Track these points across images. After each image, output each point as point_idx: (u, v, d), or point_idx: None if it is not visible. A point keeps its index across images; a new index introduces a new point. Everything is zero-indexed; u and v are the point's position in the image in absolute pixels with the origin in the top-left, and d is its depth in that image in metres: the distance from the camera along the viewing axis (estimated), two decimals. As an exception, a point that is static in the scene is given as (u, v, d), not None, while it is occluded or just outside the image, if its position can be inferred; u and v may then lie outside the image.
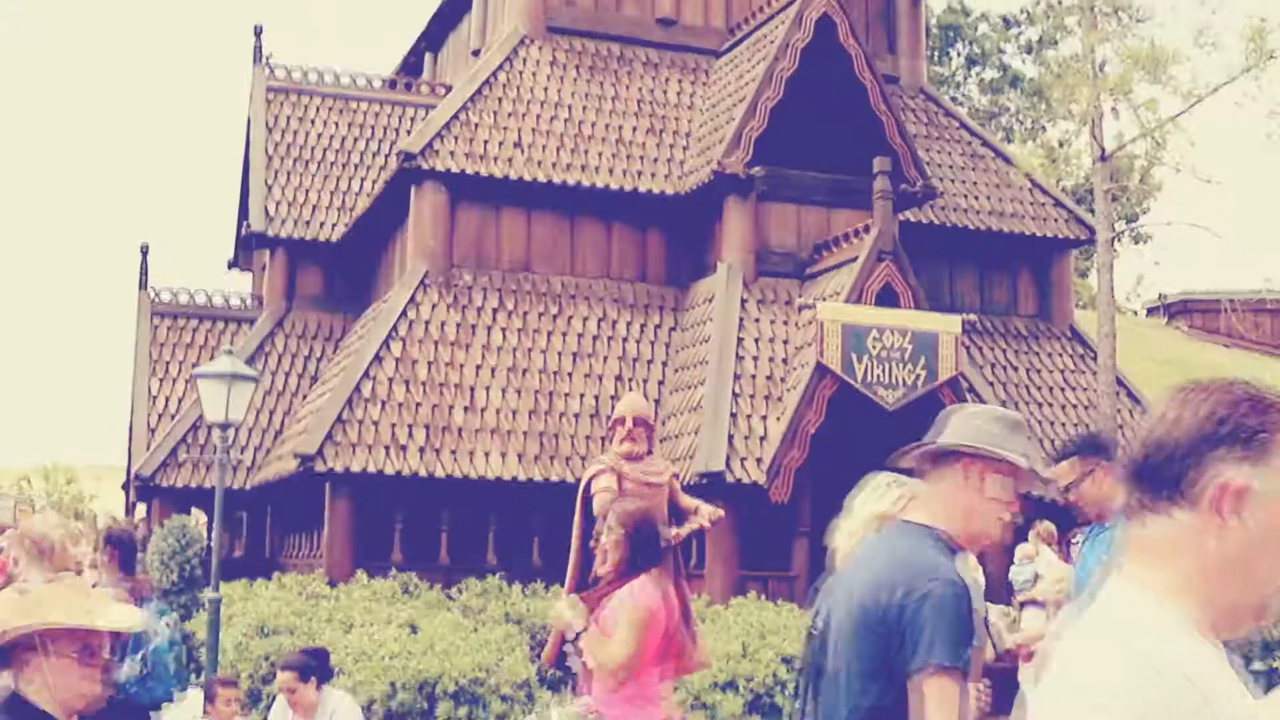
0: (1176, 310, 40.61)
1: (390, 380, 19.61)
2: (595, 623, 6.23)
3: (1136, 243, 48.45)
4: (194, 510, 23.71)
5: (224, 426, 15.10)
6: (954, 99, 46.82)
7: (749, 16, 23.40)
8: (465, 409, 19.61)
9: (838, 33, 20.98)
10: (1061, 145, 44.31)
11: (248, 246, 27.29)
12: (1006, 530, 3.81)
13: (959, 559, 3.74)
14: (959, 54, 48.57)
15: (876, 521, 4.48)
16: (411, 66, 30.60)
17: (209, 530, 19.88)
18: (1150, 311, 42.97)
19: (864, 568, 3.80)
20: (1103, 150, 21.54)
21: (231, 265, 30.67)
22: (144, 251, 27.03)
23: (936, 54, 47.53)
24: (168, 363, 25.52)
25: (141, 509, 25.32)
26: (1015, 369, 23.35)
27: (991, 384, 22.60)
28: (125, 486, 27.40)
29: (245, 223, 25.88)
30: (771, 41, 21.39)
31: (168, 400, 24.94)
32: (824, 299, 19.07)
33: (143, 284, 26.55)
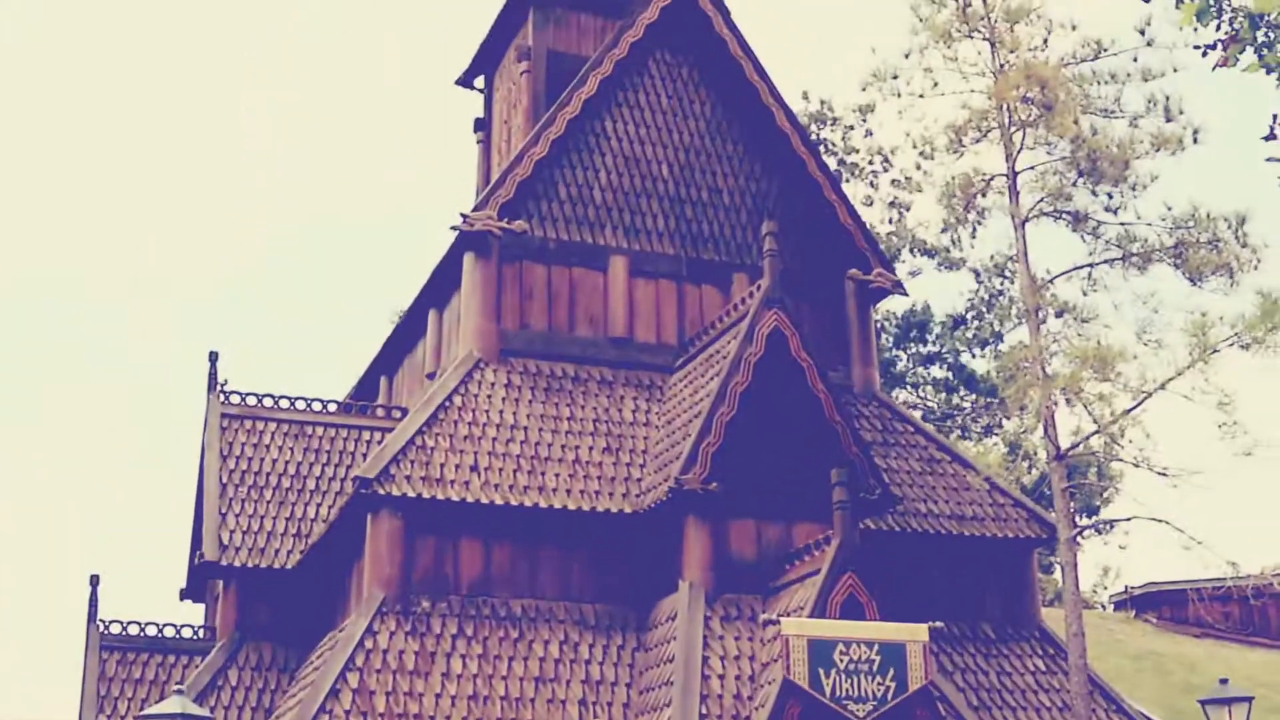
0: (1144, 602, 40.39)
1: (347, 714, 18.99)
2: None
3: (1099, 532, 48.43)
4: None
5: (172, 775, 14.53)
6: (909, 400, 47.42)
7: (702, 332, 23.74)
8: (424, 742, 18.96)
9: (790, 346, 21.25)
10: (1021, 440, 44.71)
11: (201, 576, 26.81)
12: None
13: None
14: (912, 354, 49.39)
15: None
16: (366, 389, 30.76)
17: None
18: (1118, 605, 42.70)
19: None
20: (1058, 449, 21.61)
21: (184, 595, 30.09)
22: (93, 583, 26.47)
23: (891, 353, 48.29)
24: (116, 699, 24.72)
25: None
26: (986, 673, 22.90)
27: (963, 690, 22.13)
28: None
29: (199, 552, 25.47)
30: (724, 356, 21.61)
31: (116, 741, 24.07)
32: (788, 614, 18.78)
33: (91, 616, 25.92)
